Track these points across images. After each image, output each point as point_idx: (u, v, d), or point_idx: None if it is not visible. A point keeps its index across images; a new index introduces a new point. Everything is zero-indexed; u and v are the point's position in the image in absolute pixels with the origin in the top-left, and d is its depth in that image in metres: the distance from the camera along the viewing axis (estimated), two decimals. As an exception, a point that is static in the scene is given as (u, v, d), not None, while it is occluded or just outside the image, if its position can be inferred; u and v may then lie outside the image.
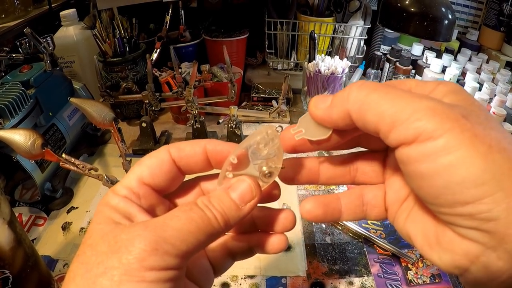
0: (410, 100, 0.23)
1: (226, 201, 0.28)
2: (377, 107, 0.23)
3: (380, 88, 0.24)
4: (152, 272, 0.23)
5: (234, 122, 0.89)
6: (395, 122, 0.23)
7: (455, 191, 0.21)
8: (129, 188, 0.28)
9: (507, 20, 1.16)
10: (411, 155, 0.23)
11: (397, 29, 0.89)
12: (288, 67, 1.28)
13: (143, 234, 0.24)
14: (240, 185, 0.29)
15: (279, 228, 0.33)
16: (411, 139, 0.22)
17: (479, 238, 0.21)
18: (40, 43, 0.78)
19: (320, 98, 0.27)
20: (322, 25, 1.14)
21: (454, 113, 0.22)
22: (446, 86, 0.25)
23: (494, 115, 0.80)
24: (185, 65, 1.04)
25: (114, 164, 0.91)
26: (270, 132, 0.30)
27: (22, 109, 0.72)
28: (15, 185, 0.84)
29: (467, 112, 0.22)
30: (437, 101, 0.23)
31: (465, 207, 0.21)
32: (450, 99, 0.24)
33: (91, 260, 0.24)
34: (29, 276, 0.52)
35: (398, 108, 0.23)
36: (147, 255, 0.23)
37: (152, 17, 1.20)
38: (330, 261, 0.67)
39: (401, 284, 0.63)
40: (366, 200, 0.32)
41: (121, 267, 0.23)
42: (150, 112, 0.93)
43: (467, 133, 0.21)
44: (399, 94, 0.23)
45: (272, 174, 0.30)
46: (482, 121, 0.22)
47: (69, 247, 0.70)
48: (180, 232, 0.25)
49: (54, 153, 0.59)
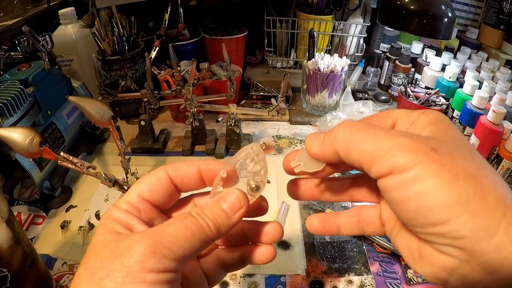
0: (386, 139, 0.26)
1: (217, 211, 0.31)
2: (359, 147, 0.27)
3: (362, 129, 0.28)
4: (151, 274, 0.25)
5: (233, 120, 0.89)
6: (374, 158, 0.26)
7: (426, 215, 0.24)
8: (130, 203, 0.31)
9: (507, 19, 1.16)
10: (388, 185, 0.26)
11: (397, 27, 0.89)
12: (287, 65, 1.27)
13: (142, 239, 0.27)
14: (230, 196, 0.32)
15: (268, 239, 0.35)
16: (388, 171, 0.26)
17: (453, 252, 0.24)
18: (39, 41, 0.78)
19: (314, 136, 0.32)
20: (322, 23, 1.14)
21: (425, 147, 0.25)
22: (427, 116, 0.29)
23: (494, 113, 0.79)
24: (184, 63, 1.04)
25: (113, 163, 0.91)
26: (254, 148, 0.33)
27: (21, 108, 0.71)
28: (14, 183, 0.84)
29: (438, 144, 0.25)
30: (410, 137, 0.26)
31: (435, 227, 0.24)
32: (428, 130, 0.28)
33: (96, 265, 0.26)
34: (28, 275, 0.52)
35: (376, 147, 0.26)
36: (147, 258, 0.25)
37: (151, 15, 1.20)
38: (329, 260, 0.67)
39: (401, 283, 0.63)
40: (362, 217, 0.36)
41: (123, 270, 0.25)
42: (149, 110, 0.93)
43: (435, 164, 0.24)
44: (378, 134, 0.27)
45: (259, 188, 0.33)
46: (452, 151, 0.25)
47: (67, 245, 0.70)
48: (176, 238, 0.27)
49: (52, 151, 0.58)
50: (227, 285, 0.63)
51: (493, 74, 1.02)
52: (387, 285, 0.63)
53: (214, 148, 0.93)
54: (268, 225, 0.36)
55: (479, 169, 0.24)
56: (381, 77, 1.22)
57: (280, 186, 0.83)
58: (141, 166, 0.88)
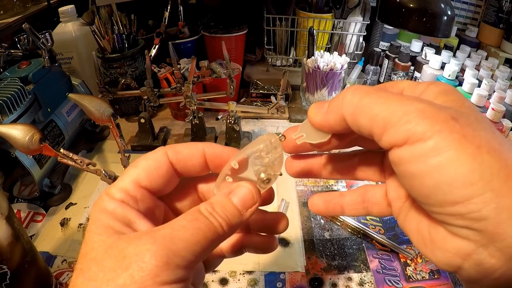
0: (401, 103, 0.23)
1: (229, 208, 0.28)
2: (370, 111, 0.24)
3: (373, 93, 0.25)
4: (165, 286, 0.23)
5: (233, 118, 0.89)
6: (386, 125, 0.23)
7: (445, 191, 0.22)
8: (125, 191, 0.28)
9: (506, 17, 1.16)
10: (402, 157, 0.23)
11: (396, 25, 0.89)
12: (287, 63, 1.27)
13: (152, 248, 0.24)
14: (242, 191, 0.29)
15: (272, 231, 0.34)
16: (402, 141, 0.23)
17: (470, 236, 0.22)
18: (39, 38, 0.78)
19: (317, 105, 0.28)
20: (321, 21, 1.14)
21: (444, 115, 0.22)
22: (437, 87, 0.26)
23: (493, 111, 0.80)
24: (184, 61, 1.04)
25: (113, 160, 0.91)
26: (273, 141, 0.31)
27: (21, 105, 0.71)
28: (13, 181, 0.84)
29: (457, 114, 0.23)
30: (427, 103, 0.23)
31: (455, 206, 0.22)
32: (441, 100, 0.25)
33: (99, 276, 0.23)
34: (27, 272, 0.52)
35: (389, 112, 0.23)
36: (160, 271, 0.23)
37: (151, 13, 1.20)
38: (328, 257, 0.67)
39: (400, 280, 0.63)
40: (367, 197, 0.33)
41: (133, 285, 0.23)
42: (148, 108, 0.93)
43: (456, 134, 0.21)
44: (391, 97, 0.24)
45: (270, 180, 0.31)
46: (472, 122, 0.22)
47: (67, 243, 0.70)
48: (189, 243, 0.25)
49: (52, 148, 0.58)
50: (227, 282, 0.63)
51: (492, 72, 1.02)
52: (386, 282, 0.63)
53: (213, 146, 0.93)
54: (272, 216, 0.34)
55: (501, 144, 0.22)
56: (380, 75, 1.22)
57: (280, 183, 0.83)
58: (141, 164, 0.88)
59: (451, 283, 0.63)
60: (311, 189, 0.82)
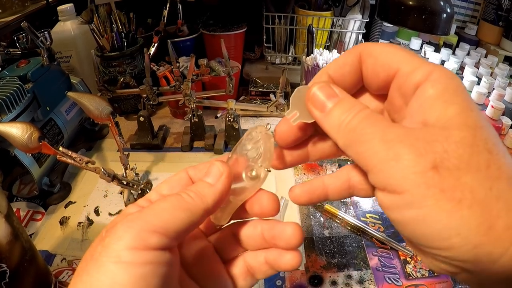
0: (382, 143, 0.23)
1: (199, 183, 0.29)
2: (356, 148, 0.24)
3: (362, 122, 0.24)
4: (131, 251, 0.23)
5: (232, 116, 0.89)
6: (367, 168, 0.23)
7: (426, 239, 0.22)
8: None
9: (506, 15, 1.16)
10: (382, 201, 0.23)
11: (395, 23, 0.89)
12: (286, 61, 1.27)
13: (125, 225, 0.25)
14: (208, 168, 0.30)
15: (283, 244, 0.31)
16: (381, 187, 0.23)
17: (454, 269, 0.22)
18: (38, 37, 0.78)
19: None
20: (320, 19, 1.14)
21: (424, 163, 0.21)
22: (440, 83, 0.23)
23: (492, 109, 0.79)
24: (183, 60, 1.04)
25: (112, 159, 0.91)
26: (254, 134, 0.30)
27: (20, 104, 0.71)
28: (13, 180, 0.84)
29: (443, 156, 0.21)
30: (408, 145, 0.22)
31: (437, 250, 0.22)
32: (437, 113, 0.22)
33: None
34: (27, 270, 0.52)
35: (370, 154, 0.23)
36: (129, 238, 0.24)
37: (149, 11, 1.20)
38: (328, 255, 0.67)
39: (400, 278, 0.63)
40: (352, 183, 0.31)
41: (104, 250, 0.24)
42: (148, 106, 0.93)
43: (434, 189, 0.20)
44: (374, 135, 0.23)
45: (257, 175, 0.30)
46: (460, 164, 0.21)
47: (66, 241, 0.70)
48: (155, 211, 0.26)
49: (51, 146, 0.58)
50: (226, 280, 0.63)
51: (491, 70, 1.02)
52: (386, 280, 0.63)
53: (213, 144, 0.93)
54: (284, 226, 0.31)
55: (492, 186, 0.20)
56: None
57: (279, 181, 0.83)
58: (140, 162, 0.88)
59: (451, 281, 0.63)
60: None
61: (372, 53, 0.26)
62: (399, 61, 0.25)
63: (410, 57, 0.25)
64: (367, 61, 0.27)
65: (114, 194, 0.80)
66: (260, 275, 0.33)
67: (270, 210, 0.31)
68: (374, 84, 0.28)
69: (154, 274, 0.24)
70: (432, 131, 0.22)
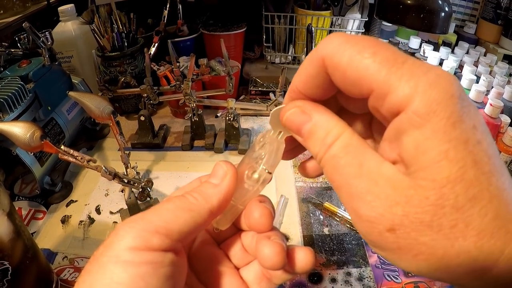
0: (360, 200, 0.22)
1: (203, 183, 0.29)
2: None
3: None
4: (134, 251, 0.24)
5: (232, 115, 0.90)
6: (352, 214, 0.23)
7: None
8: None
9: (505, 13, 1.16)
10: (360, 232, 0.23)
11: (394, 22, 0.90)
12: (286, 60, 1.28)
13: (128, 225, 0.25)
14: (213, 167, 0.30)
15: (295, 268, 0.30)
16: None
17: None
18: (39, 37, 0.78)
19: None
20: (320, 19, 1.14)
21: (383, 225, 0.21)
22: (445, 110, 0.19)
23: (491, 107, 0.80)
24: (183, 59, 1.04)
25: (113, 158, 0.92)
26: (262, 139, 0.30)
27: (21, 103, 0.72)
28: (14, 179, 0.84)
29: (401, 217, 0.20)
30: (377, 197, 0.21)
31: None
32: (437, 150, 0.19)
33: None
34: (29, 268, 0.53)
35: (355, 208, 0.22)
36: (139, 240, 0.24)
37: (150, 11, 1.20)
38: (328, 252, 0.68)
39: (399, 275, 0.64)
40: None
41: (107, 253, 0.24)
42: (148, 106, 0.93)
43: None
44: (359, 186, 0.22)
45: (260, 178, 0.30)
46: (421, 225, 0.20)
47: (68, 240, 0.71)
48: (158, 212, 0.26)
49: (53, 145, 0.59)
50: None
51: (490, 68, 1.02)
52: (385, 277, 0.63)
53: (213, 143, 0.94)
54: (296, 251, 0.30)
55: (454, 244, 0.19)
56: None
57: (279, 179, 0.83)
58: (141, 161, 0.89)
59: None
60: (310, 185, 0.82)
61: (338, 66, 0.22)
62: (371, 79, 0.21)
63: (383, 71, 0.21)
64: (335, 74, 0.23)
65: (115, 193, 0.81)
66: (277, 280, 0.32)
67: (260, 225, 0.30)
68: (350, 102, 0.27)
69: (154, 274, 0.24)
70: (402, 185, 0.20)
